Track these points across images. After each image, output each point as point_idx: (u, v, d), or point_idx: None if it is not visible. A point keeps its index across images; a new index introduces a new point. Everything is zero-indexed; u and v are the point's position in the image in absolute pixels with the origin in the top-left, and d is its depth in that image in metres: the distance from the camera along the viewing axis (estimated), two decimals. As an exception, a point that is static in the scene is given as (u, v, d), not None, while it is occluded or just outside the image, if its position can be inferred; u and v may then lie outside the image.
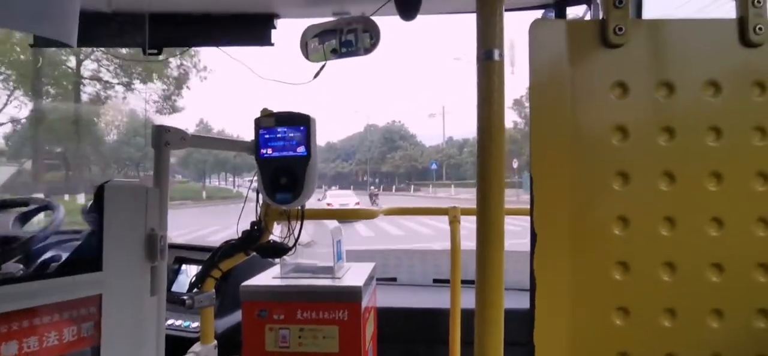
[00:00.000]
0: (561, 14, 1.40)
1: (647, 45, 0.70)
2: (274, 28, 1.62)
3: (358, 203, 20.86)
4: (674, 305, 0.72)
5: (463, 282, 1.78)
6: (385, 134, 52.20)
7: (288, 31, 1.72)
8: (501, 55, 0.66)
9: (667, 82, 0.70)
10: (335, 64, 1.57)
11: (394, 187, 47.18)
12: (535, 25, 0.71)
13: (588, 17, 1.51)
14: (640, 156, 0.70)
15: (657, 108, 0.70)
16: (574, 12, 1.59)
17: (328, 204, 18.54)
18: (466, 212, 1.75)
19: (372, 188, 38.24)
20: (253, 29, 1.60)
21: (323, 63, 1.68)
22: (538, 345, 0.70)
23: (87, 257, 1.08)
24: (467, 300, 1.76)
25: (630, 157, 0.70)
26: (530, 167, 0.70)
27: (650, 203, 0.70)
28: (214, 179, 44.78)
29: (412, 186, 44.00)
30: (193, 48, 1.68)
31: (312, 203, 1.46)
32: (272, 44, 1.63)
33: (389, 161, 49.01)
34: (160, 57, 1.65)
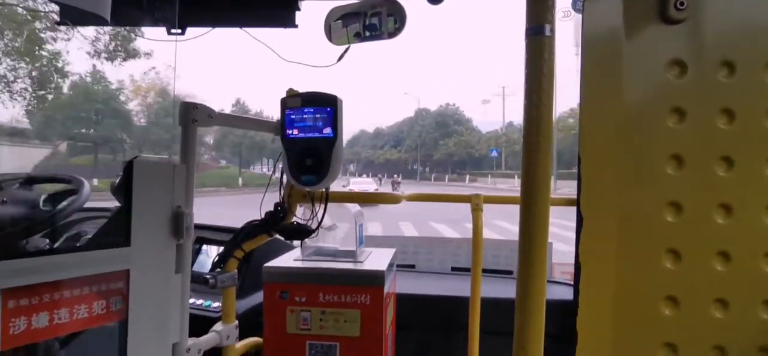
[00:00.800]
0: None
1: (709, 21, 0.66)
2: (299, 10, 1.60)
3: (377, 190, 21.65)
4: (727, 296, 0.69)
5: (483, 270, 1.76)
6: (438, 118, 48.62)
7: (313, 13, 1.69)
8: (552, 30, 0.63)
9: (729, 62, 0.67)
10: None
11: (446, 176, 43.78)
12: (591, 3, 0.68)
13: None
14: (697, 139, 0.67)
15: (717, 89, 0.67)
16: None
17: (350, 190, 19.78)
18: (489, 199, 1.73)
19: (395, 175, 36.92)
20: (278, 11, 1.58)
21: (347, 46, 1.66)
22: (581, 333, 0.68)
23: (115, 232, 1.08)
24: (486, 288, 1.74)
25: (685, 140, 0.67)
26: (579, 147, 0.68)
27: (706, 189, 0.68)
28: (259, 165, 42.31)
29: (468, 176, 40.14)
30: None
31: (335, 188, 1.45)
32: (296, 26, 1.61)
33: (442, 148, 45.52)
34: (184, 37, 1.64)
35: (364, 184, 25.76)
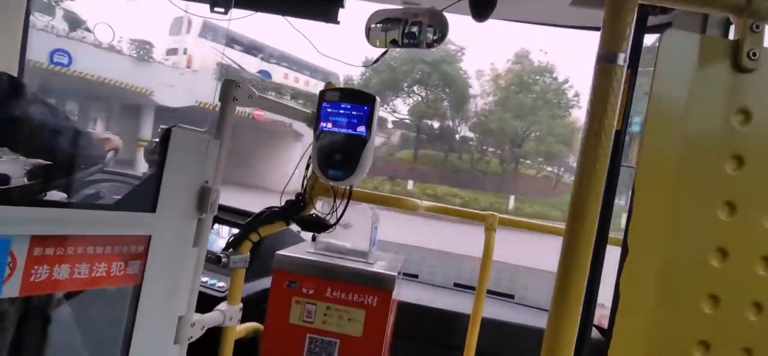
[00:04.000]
0: (642, 27, 1.38)
1: None
2: (343, 7, 1.62)
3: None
4: (753, 346, 0.71)
5: (488, 291, 1.77)
6: None
7: (357, 12, 1.71)
8: (625, 60, 0.64)
9: None
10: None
11: None
12: (667, 36, 0.69)
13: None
14: (753, 189, 0.68)
15: None
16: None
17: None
18: (504, 222, 1.74)
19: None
20: (322, 5, 1.59)
21: (384, 50, 1.68)
22: None
23: (143, 196, 1.08)
24: (486, 309, 1.75)
25: (741, 188, 0.68)
26: (634, 178, 0.69)
27: (753, 239, 0.69)
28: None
29: None
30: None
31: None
32: (338, 23, 1.62)
33: None
34: (226, 17, 1.65)
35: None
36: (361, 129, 1.32)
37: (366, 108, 1.31)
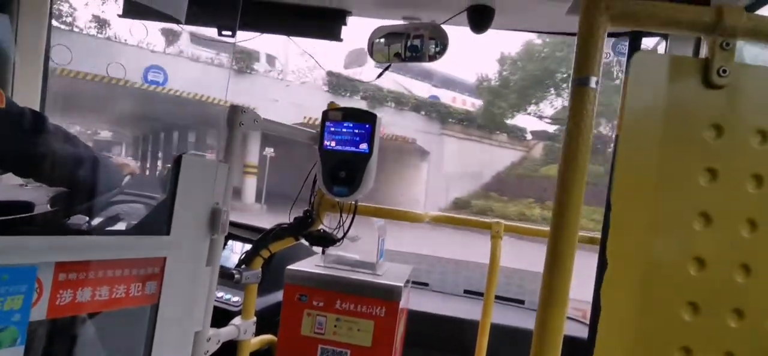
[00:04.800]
0: (636, 44, 1.39)
1: (748, 90, 0.70)
2: (345, 24, 1.67)
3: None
4: (735, 350, 0.72)
5: (495, 297, 1.78)
6: None
7: (358, 27, 1.76)
8: (597, 82, 0.67)
9: (762, 130, 0.70)
10: None
11: None
12: (638, 57, 0.72)
13: (660, 49, 1.49)
14: (726, 200, 0.70)
15: (749, 155, 0.70)
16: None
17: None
18: (510, 229, 1.75)
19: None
20: (325, 23, 1.64)
21: (387, 64, 1.72)
22: None
23: (158, 220, 1.14)
24: (495, 315, 1.77)
25: (715, 199, 0.70)
26: (610, 193, 0.71)
27: (729, 248, 0.70)
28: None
29: None
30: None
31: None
32: (341, 40, 1.67)
33: None
34: (233, 40, 1.71)
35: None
36: (364, 146, 1.36)
37: (367, 126, 1.36)
